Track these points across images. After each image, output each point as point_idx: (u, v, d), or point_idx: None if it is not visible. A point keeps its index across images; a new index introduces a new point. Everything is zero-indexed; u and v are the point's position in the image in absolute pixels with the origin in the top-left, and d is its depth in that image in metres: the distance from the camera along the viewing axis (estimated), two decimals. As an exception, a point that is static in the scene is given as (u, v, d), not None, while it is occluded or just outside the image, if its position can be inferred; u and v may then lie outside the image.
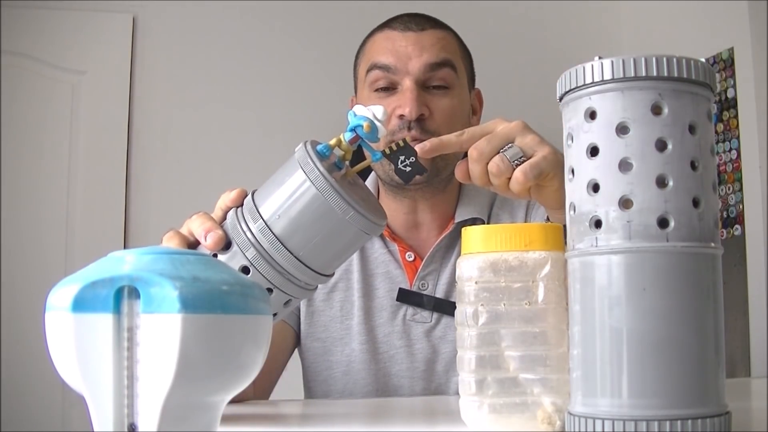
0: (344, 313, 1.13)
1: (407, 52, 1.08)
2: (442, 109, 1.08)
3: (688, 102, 0.48)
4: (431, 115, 1.07)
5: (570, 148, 0.51)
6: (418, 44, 1.08)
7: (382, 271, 1.13)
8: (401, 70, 1.07)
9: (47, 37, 2.66)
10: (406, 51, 1.08)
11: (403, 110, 1.06)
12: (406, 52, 1.08)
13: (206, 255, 0.44)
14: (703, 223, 0.48)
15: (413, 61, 1.07)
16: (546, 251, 0.58)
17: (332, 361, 1.12)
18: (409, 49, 1.08)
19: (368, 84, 1.10)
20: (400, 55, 1.08)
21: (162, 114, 2.70)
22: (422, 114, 1.06)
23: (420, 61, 1.07)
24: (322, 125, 2.25)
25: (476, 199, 1.15)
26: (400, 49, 1.08)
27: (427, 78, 1.08)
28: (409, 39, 1.09)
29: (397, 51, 1.08)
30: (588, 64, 0.49)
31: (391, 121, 1.07)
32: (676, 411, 0.46)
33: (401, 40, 1.09)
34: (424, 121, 1.06)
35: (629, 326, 0.47)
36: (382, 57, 1.09)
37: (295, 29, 2.76)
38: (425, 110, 1.06)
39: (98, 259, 0.42)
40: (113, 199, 2.67)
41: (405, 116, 1.05)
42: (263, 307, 0.43)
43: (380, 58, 1.09)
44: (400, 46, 1.08)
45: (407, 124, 1.06)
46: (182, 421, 0.40)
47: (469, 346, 0.58)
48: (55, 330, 0.40)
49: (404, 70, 1.07)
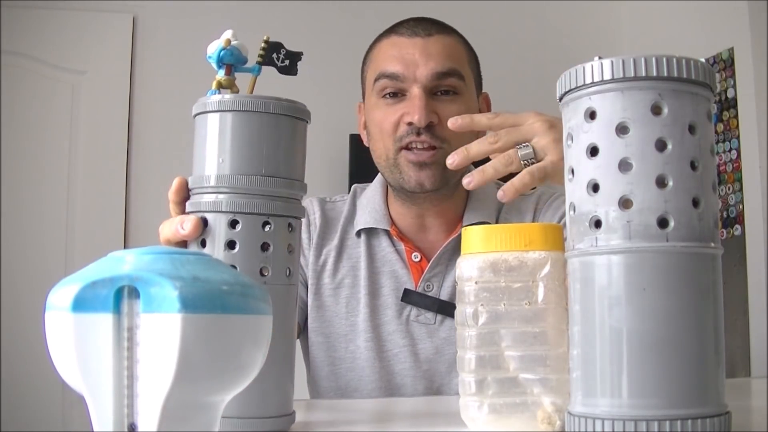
0: (350, 310, 1.13)
1: (414, 60, 1.08)
2: (451, 115, 1.07)
3: (688, 102, 0.48)
4: (440, 121, 1.07)
5: (570, 148, 0.51)
6: (425, 51, 1.09)
7: (388, 269, 1.14)
8: (409, 78, 1.08)
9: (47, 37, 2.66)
10: (413, 58, 1.08)
11: (411, 117, 1.06)
12: (413, 59, 1.08)
13: (206, 255, 0.44)
14: (703, 223, 0.48)
15: (421, 68, 1.08)
16: (546, 251, 0.58)
17: (336, 357, 1.13)
18: (416, 57, 1.08)
19: (376, 92, 1.11)
20: (407, 62, 1.08)
21: (162, 114, 2.70)
22: (431, 121, 1.07)
23: (427, 68, 1.08)
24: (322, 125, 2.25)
25: (484, 203, 1.16)
26: (407, 56, 1.09)
27: (435, 85, 1.08)
28: (416, 45, 1.09)
29: (405, 58, 1.08)
30: (588, 64, 0.49)
31: (400, 128, 1.08)
32: (676, 411, 0.46)
33: (408, 46, 1.09)
34: (434, 127, 1.07)
35: (629, 326, 0.47)
36: (389, 65, 1.09)
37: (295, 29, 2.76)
38: (434, 117, 1.07)
39: (98, 259, 0.42)
40: (113, 199, 2.67)
41: (414, 123, 1.06)
42: (263, 307, 0.43)
43: (388, 67, 1.09)
44: (407, 53, 1.09)
45: (416, 130, 1.06)
46: (182, 421, 0.40)
47: (469, 346, 0.58)
48: (55, 330, 0.40)
49: (412, 78, 1.08)
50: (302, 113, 0.67)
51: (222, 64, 0.69)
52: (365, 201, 1.19)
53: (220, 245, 0.63)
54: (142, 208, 2.67)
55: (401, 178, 1.09)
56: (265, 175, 0.64)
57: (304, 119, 0.67)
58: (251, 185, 0.63)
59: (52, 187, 2.63)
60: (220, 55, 0.68)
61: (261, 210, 0.64)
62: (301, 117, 0.67)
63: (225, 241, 0.62)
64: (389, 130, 1.09)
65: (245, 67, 0.70)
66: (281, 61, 0.71)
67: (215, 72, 0.69)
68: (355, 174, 2.61)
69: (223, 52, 0.68)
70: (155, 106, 2.71)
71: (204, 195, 0.65)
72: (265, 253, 0.63)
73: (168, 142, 2.67)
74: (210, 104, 0.65)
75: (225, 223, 0.63)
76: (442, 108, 1.08)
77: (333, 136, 2.65)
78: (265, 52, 0.71)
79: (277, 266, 0.63)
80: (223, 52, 0.68)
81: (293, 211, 0.65)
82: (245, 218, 0.63)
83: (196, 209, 0.64)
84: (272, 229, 0.64)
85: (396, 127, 1.09)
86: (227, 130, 0.64)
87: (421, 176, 1.08)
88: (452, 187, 1.13)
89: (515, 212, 1.16)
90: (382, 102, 1.10)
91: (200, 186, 0.65)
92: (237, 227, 0.63)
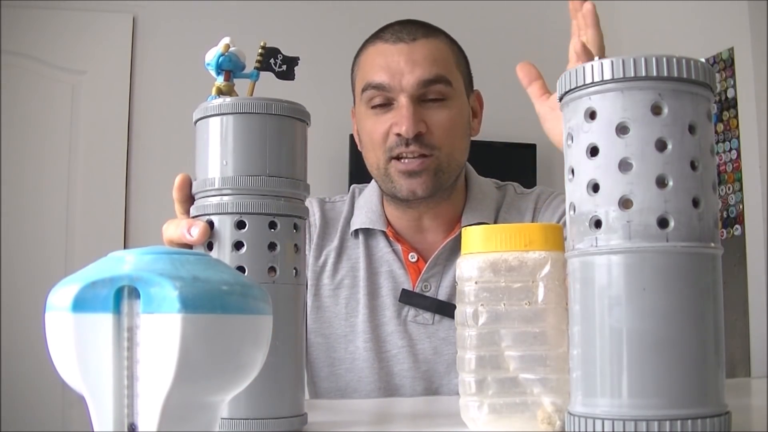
0: (349, 311, 1.13)
1: (400, 68, 1.07)
2: (440, 122, 1.08)
3: (688, 102, 0.48)
4: (429, 130, 1.07)
5: (570, 148, 0.51)
6: (410, 58, 1.07)
7: (386, 269, 1.14)
8: (395, 88, 1.07)
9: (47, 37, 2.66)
10: (398, 67, 1.07)
11: (399, 128, 1.06)
12: (398, 68, 1.07)
13: (206, 255, 0.44)
14: (703, 223, 0.48)
15: (406, 77, 1.07)
16: (546, 251, 0.58)
17: (335, 358, 1.12)
18: (401, 65, 1.07)
19: (364, 102, 1.10)
20: (392, 71, 1.07)
21: (162, 114, 2.70)
22: (420, 131, 1.06)
23: (413, 77, 1.07)
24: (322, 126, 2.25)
25: (483, 204, 1.15)
26: (393, 64, 1.07)
27: (422, 93, 1.07)
28: (401, 52, 1.08)
29: (390, 67, 1.07)
30: (588, 64, 0.49)
31: (389, 138, 1.07)
32: (676, 411, 0.46)
33: (393, 54, 1.08)
34: (422, 136, 1.06)
35: (629, 326, 0.47)
36: (375, 76, 1.08)
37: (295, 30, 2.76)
38: (422, 126, 1.06)
39: (98, 259, 0.42)
40: (113, 199, 2.67)
41: (402, 135, 1.05)
42: (263, 307, 0.43)
43: (374, 77, 1.08)
44: (392, 61, 1.08)
45: (405, 141, 1.06)
46: (182, 421, 0.40)
47: (469, 346, 0.58)
48: (55, 330, 0.40)
49: (398, 87, 1.07)
50: (303, 114, 0.67)
51: (221, 71, 0.69)
52: (362, 201, 1.18)
53: (228, 247, 0.63)
54: (142, 208, 2.67)
55: (393, 187, 1.09)
56: (270, 176, 0.64)
57: (304, 120, 0.67)
58: (257, 186, 0.63)
59: (52, 187, 2.63)
60: (219, 61, 0.69)
61: (267, 210, 0.64)
62: (302, 118, 0.67)
63: (232, 243, 0.63)
64: (379, 141, 1.09)
65: (244, 73, 0.70)
66: (279, 67, 0.72)
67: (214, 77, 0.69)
68: (355, 174, 2.61)
69: (221, 58, 0.69)
70: (155, 106, 2.71)
71: (209, 198, 0.65)
72: (272, 253, 0.63)
73: (168, 141, 2.67)
74: (211, 108, 0.65)
75: (232, 224, 0.63)
76: (430, 116, 1.08)
77: (333, 136, 2.66)
78: (263, 58, 0.71)
79: (285, 266, 0.64)
80: (221, 58, 0.69)
81: (298, 210, 0.66)
82: (252, 219, 0.63)
83: (201, 212, 0.65)
84: (279, 229, 0.64)
85: (386, 138, 1.08)
86: (229, 133, 0.64)
87: (413, 184, 1.08)
88: (448, 189, 1.12)
89: (515, 212, 1.16)
90: (371, 112, 1.10)
91: (204, 189, 0.65)
92: (244, 228, 0.63)
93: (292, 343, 0.64)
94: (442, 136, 1.07)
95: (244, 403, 0.61)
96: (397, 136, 1.07)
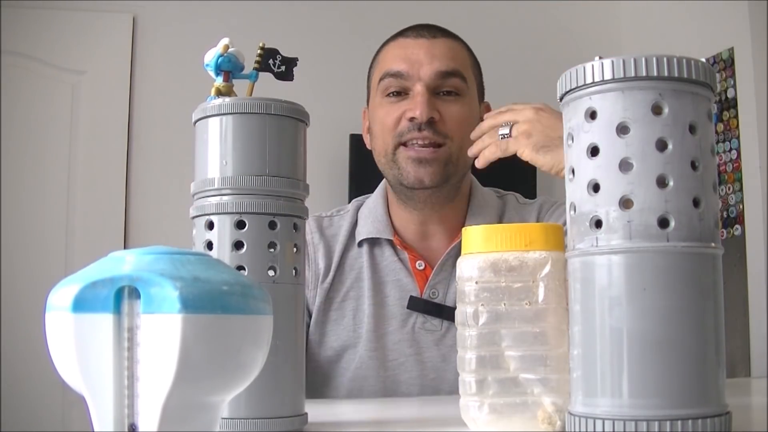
0: (356, 322, 1.12)
1: (419, 59, 1.09)
2: (452, 114, 1.09)
3: (689, 102, 0.48)
4: (441, 118, 1.08)
5: (570, 148, 0.51)
6: (429, 51, 1.10)
7: (392, 278, 1.13)
8: (413, 76, 1.09)
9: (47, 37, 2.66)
10: (417, 57, 1.10)
11: (413, 113, 1.07)
12: (417, 58, 1.10)
13: (207, 255, 0.44)
14: (704, 223, 0.48)
15: (425, 67, 1.09)
16: (546, 251, 0.58)
17: (341, 368, 1.12)
18: (420, 56, 1.10)
19: (380, 91, 1.12)
20: (411, 61, 1.10)
21: (162, 114, 2.70)
22: (432, 117, 1.07)
23: (431, 68, 1.09)
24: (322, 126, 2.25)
25: (486, 209, 1.16)
26: (412, 55, 1.10)
27: (438, 85, 1.10)
28: (421, 46, 1.11)
29: (409, 57, 1.10)
30: (588, 64, 0.49)
31: (401, 124, 1.08)
32: (676, 411, 0.46)
33: (413, 47, 1.11)
34: (435, 123, 1.08)
35: (629, 326, 0.47)
36: (394, 64, 1.11)
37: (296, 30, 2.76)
38: (435, 114, 1.08)
39: (98, 259, 0.42)
40: (113, 199, 2.67)
41: (416, 118, 1.06)
42: (263, 307, 0.43)
43: (393, 66, 1.11)
44: (411, 53, 1.10)
45: (418, 125, 1.07)
46: (182, 421, 0.40)
47: (470, 346, 0.58)
48: (55, 330, 0.40)
49: (416, 76, 1.09)
50: (302, 114, 0.67)
51: (220, 71, 0.69)
52: (367, 211, 1.18)
53: (228, 246, 0.63)
54: (142, 208, 2.66)
55: (400, 174, 1.10)
56: (270, 176, 0.64)
57: (303, 121, 0.68)
58: (257, 185, 0.64)
59: (52, 187, 2.63)
60: (218, 62, 0.69)
61: (267, 210, 0.64)
62: (301, 118, 0.67)
63: (232, 242, 0.63)
64: (390, 126, 1.10)
65: (243, 74, 0.70)
66: (277, 67, 0.72)
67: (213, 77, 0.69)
68: (355, 174, 2.61)
69: (220, 59, 0.69)
70: (155, 106, 2.71)
71: (209, 197, 0.65)
72: (272, 253, 0.63)
73: (168, 141, 2.67)
74: (211, 109, 0.65)
75: (231, 224, 0.63)
76: (444, 107, 1.09)
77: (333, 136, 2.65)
78: (262, 59, 0.71)
79: (285, 266, 0.64)
80: (220, 59, 0.69)
81: (298, 210, 0.66)
82: (252, 218, 0.63)
83: (201, 212, 0.65)
84: (279, 229, 0.64)
85: (397, 123, 1.09)
86: (229, 133, 0.64)
87: (420, 172, 1.08)
88: (453, 188, 1.13)
89: (517, 220, 1.16)
90: (386, 101, 1.11)
91: (204, 189, 0.65)
92: (244, 228, 0.63)
93: (293, 343, 0.64)
94: (454, 128, 1.09)
95: (245, 403, 0.61)
96: (409, 121, 1.08)
